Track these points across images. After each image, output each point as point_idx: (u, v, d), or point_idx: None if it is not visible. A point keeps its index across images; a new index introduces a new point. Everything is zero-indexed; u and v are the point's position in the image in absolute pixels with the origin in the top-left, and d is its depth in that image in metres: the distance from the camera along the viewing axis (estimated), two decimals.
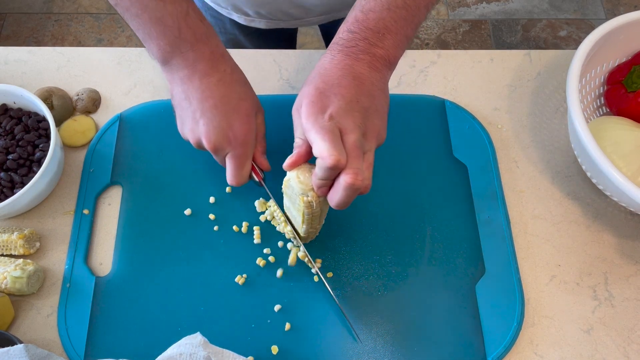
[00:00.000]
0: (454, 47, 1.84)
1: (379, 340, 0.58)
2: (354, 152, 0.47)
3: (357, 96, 0.49)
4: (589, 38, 0.62)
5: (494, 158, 0.67)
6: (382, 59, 0.52)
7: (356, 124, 0.48)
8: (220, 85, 0.56)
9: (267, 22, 0.84)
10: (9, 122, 0.64)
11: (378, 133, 0.51)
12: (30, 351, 0.50)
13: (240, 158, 0.56)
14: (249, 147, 0.57)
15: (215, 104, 0.55)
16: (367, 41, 0.51)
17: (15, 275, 0.57)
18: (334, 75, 0.50)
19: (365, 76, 0.51)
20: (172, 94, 0.58)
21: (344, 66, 0.51)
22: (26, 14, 1.91)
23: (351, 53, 0.51)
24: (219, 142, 0.55)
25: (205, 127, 0.55)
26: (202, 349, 0.50)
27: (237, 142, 0.56)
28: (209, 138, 0.55)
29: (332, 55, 0.52)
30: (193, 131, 0.56)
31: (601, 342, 0.58)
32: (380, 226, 0.63)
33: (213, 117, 0.55)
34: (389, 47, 0.52)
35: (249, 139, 0.56)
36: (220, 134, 0.55)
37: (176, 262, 0.61)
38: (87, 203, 0.65)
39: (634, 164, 0.60)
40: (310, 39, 1.84)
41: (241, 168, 0.57)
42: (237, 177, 0.57)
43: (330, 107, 0.48)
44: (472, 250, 0.62)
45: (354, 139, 0.47)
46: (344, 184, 0.47)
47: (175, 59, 0.56)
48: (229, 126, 0.55)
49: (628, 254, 0.63)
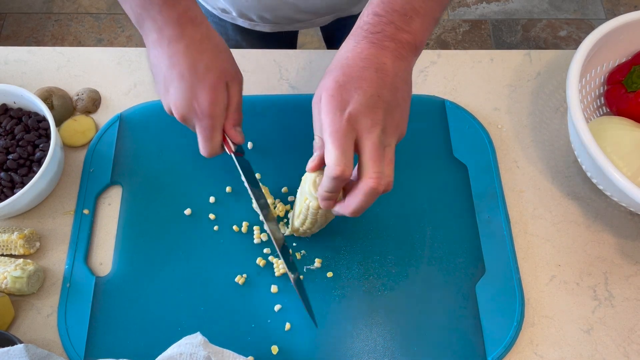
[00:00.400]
0: (454, 47, 1.84)
1: (379, 340, 0.58)
2: (374, 155, 0.46)
3: (378, 90, 0.47)
4: (589, 38, 0.62)
5: (494, 158, 0.67)
6: (408, 45, 0.50)
7: (376, 121, 0.46)
8: (188, 53, 0.53)
9: (272, 27, 0.84)
10: (9, 122, 0.64)
11: (398, 127, 0.49)
12: (30, 351, 0.50)
13: (207, 130, 0.54)
14: (216, 120, 0.54)
15: (181, 73, 0.53)
16: (393, 25, 0.49)
17: (16, 275, 0.57)
18: (356, 66, 0.48)
19: (389, 67, 0.48)
20: (147, 57, 0.56)
21: (367, 56, 0.48)
22: (26, 14, 1.91)
23: (376, 40, 0.49)
24: (185, 113, 0.54)
25: (172, 96, 0.54)
26: (202, 349, 0.50)
27: (202, 114, 0.54)
28: (176, 107, 0.54)
29: (356, 41, 0.50)
30: (164, 99, 0.55)
31: (601, 342, 0.59)
32: (381, 226, 0.63)
33: (179, 87, 0.53)
34: (416, 32, 0.50)
35: (215, 111, 0.54)
36: (185, 105, 0.53)
37: (176, 262, 0.61)
38: (87, 203, 0.65)
39: (634, 163, 0.60)
40: (311, 39, 1.84)
41: (209, 140, 0.55)
42: (206, 148, 0.56)
43: (351, 104, 0.46)
44: (472, 250, 0.62)
45: (373, 139, 0.46)
46: (365, 189, 0.46)
47: (147, 22, 0.54)
48: (194, 97, 0.53)
49: (628, 254, 0.63)
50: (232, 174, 0.66)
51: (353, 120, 0.46)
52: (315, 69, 0.75)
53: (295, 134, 0.69)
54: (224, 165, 0.67)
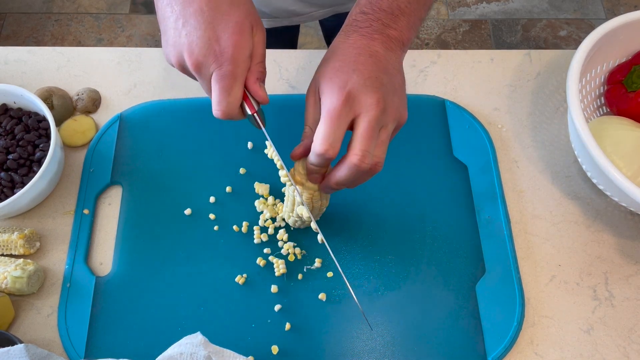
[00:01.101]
0: (454, 47, 1.84)
1: (379, 340, 0.57)
2: (366, 133, 0.46)
3: (375, 73, 0.47)
4: (589, 38, 0.62)
5: (494, 158, 0.67)
6: (396, 40, 0.51)
7: (377, 101, 0.46)
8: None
9: (269, 21, 0.84)
10: (9, 122, 0.64)
11: (397, 111, 0.49)
12: (31, 351, 0.50)
13: (227, 78, 0.45)
14: (239, 66, 0.46)
15: (200, 8, 0.45)
16: (380, 22, 0.50)
17: (16, 275, 0.57)
18: (350, 53, 0.49)
19: (381, 54, 0.49)
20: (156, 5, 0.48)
21: (359, 45, 0.49)
22: (26, 14, 1.91)
23: (365, 33, 0.50)
24: (202, 56, 0.44)
25: (187, 37, 0.45)
26: (202, 349, 0.50)
27: (224, 57, 0.45)
28: (191, 51, 0.44)
29: (346, 35, 0.51)
30: (175, 46, 0.46)
31: (601, 342, 0.59)
32: (381, 226, 0.63)
33: (197, 25, 0.44)
34: (402, 29, 0.51)
35: (240, 55, 0.45)
36: (204, 45, 0.44)
37: (176, 262, 0.61)
38: (87, 203, 0.65)
39: (634, 163, 0.60)
40: (311, 39, 1.84)
41: (228, 92, 0.46)
42: (223, 103, 0.46)
43: (350, 83, 0.46)
44: (472, 250, 0.62)
45: (370, 118, 0.46)
46: (348, 164, 0.46)
47: None
48: (214, 36, 0.45)
49: (628, 254, 0.63)
50: (232, 174, 0.66)
51: (352, 99, 0.46)
52: (315, 68, 0.74)
53: (295, 134, 0.69)
54: (224, 165, 0.67)
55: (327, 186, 0.51)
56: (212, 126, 0.69)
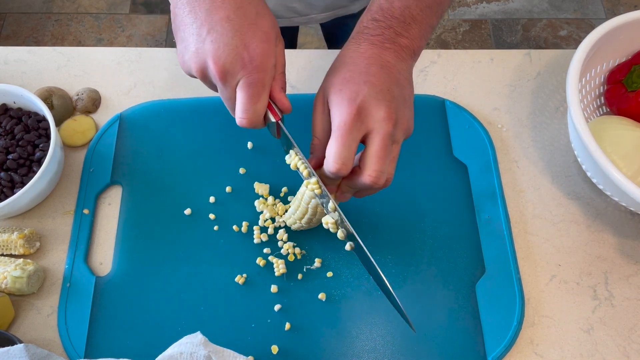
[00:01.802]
0: (454, 47, 1.84)
1: (378, 340, 0.58)
2: (381, 151, 0.45)
3: (387, 85, 0.46)
4: (589, 38, 0.62)
5: (494, 158, 0.67)
6: (407, 49, 0.50)
7: (389, 115, 0.45)
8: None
9: None
10: (9, 121, 0.64)
11: (407, 123, 0.48)
12: (30, 351, 0.50)
13: (256, 86, 0.45)
14: (267, 74, 0.45)
15: (227, 16, 0.44)
16: (392, 30, 0.49)
17: (16, 275, 0.57)
18: (360, 63, 0.47)
19: (392, 65, 0.48)
20: (173, 12, 0.47)
21: (371, 55, 0.48)
22: (26, 14, 1.91)
23: (377, 42, 0.49)
24: (230, 64, 0.44)
25: (213, 44, 0.43)
26: (202, 348, 0.50)
27: (252, 65, 0.44)
28: (218, 58, 0.43)
29: (357, 43, 0.49)
30: (198, 53, 0.44)
31: (601, 341, 0.58)
32: (380, 226, 0.63)
33: (224, 32, 0.44)
34: (414, 37, 0.50)
35: (267, 63, 0.45)
36: (232, 53, 0.43)
37: (176, 262, 0.61)
38: (87, 203, 0.65)
39: (634, 163, 0.60)
40: (311, 38, 1.84)
41: (256, 100, 0.45)
42: (250, 112, 0.45)
43: (360, 95, 0.45)
44: (472, 250, 0.62)
45: (384, 133, 0.45)
46: (362, 183, 0.46)
47: None
48: (243, 45, 0.44)
49: (628, 254, 0.63)
50: (232, 174, 0.66)
51: (364, 112, 0.45)
52: (315, 68, 0.75)
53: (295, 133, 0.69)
54: (224, 165, 0.67)
55: (343, 197, 0.51)
56: (212, 126, 0.69)
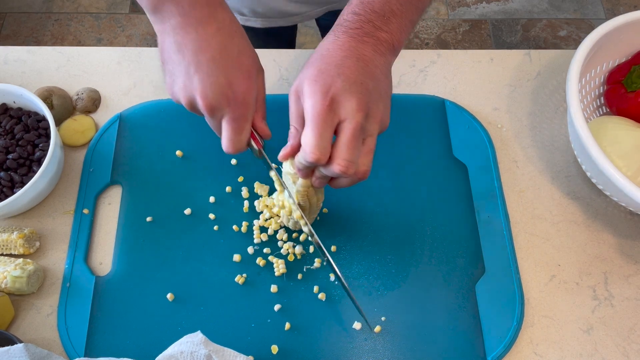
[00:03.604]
0: (453, 47, 1.84)
1: (378, 339, 0.58)
2: (351, 142, 0.46)
3: (361, 78, 0.47)
4: (589, 38, 0.62)
5: (493, 158, 0.67)
6: (386, 43, 0.50)
7: (360, 107, 0.46)
8: (219, 35, 0.49)
9: (263, 21, 0.84)
10: (8, 121, 0.64)
11: (381, 118, 0.49)
12: (30, 350, 0.50)
13: (240, 120, 0.50)
14: (249, 109, 0.50)
15: (213, 57, 0.48)
16: (371, 24, 0.50)
17: (15, 275, 0.57)
18: (337, 56, 0.48)
19: (369, 58, 0.49)
20: (161, 47, 0.51)
21: (347, 47, 0.49)
22: (26, 14, 1.91)
23: (355, 35, 0.49)
24: (216, 101, 0.49)
25: (200, 83, 0.48)
26: (203, 347, 0.50)
27: (236, 101, 0.49)
28: (205, 95, 0.48)
29: (336, 36, 0.50)
30: (186, 88, 0.49)
31: (601, 341, 0.59)
32: (380, 226, 0.63)
33: (210, 72, 0.48)
34: (393, 31, 0.51)
35: (250, 98, 0.50)
36: (218, 91, 0.48)
37: (176, 262, 0.61)
38: (87, 202, 0.65)
39: (633, 163, 0.60)
40: (310, 38, 1.84)
41: (240, 132, 0.50)
42: (235, 142, 0.51)
43: (333, 88, 0.46)
44: (472, 249, 0.62)
45: (354, 125, 0.46)
46: (331, 169, 0.47)
47: (167, 5, 0.49)
48: (228, 83, 0.49)
49: (628, 254, 0.63)
50: (232, 174, 0.66)
51: (336, 104, 0.46)
52: None
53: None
54: (223, 165, 0.67)
55: (317, 182, 0.51)
56: None
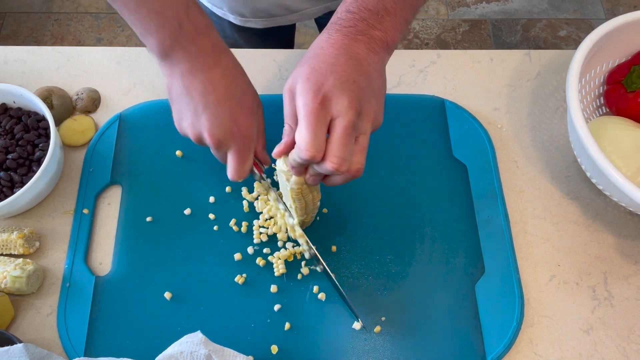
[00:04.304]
0: (453, 47, 1.84)
1: (378, 339, 0.58)
2: (343, 139, 0.46)
3: (353, 76, 0.48)
4: (589, 38, 0.62)
5: (493, 158, 0.67)
6: (380, 42, 0.51)
7: (352, 105, 0.47)
8: (223, 79, 0.55)
9: (264, 21, 0.84)
10: (8, 121, 0.64)
11: (375, 116, 0.50)
12: (30, 350, 0.50)
13: (244, 152, 0.56)
14: (252, 141, 0.56)
15: (218, 99, 0.54)
16: (365, 22, 0.50)
17: (15, 275, 0.57)
18: (330, 54, 0.49)
19: (362, 57, 0.50)
20: (169, 88, 0.56)
21: (341, 45, 0.50)
22: (26, 14, 1.91)
23: (349, 33, 0.50)
24: (223, 137, 0.54)
25: (208, 122, 0.54)
26: (202, 347, 0.50)
27: (240, 136, 0.55)
28: (212, 133, 0.54)
29: (329, 34, 0.51)
30: (194, 126, 0.55)
31: (600, 342, 0.59)
32: (380, 226, 0.63)
33: (217, 112, 0.54)
34: (387, 30, 0.51)
35: (252, 133, 0.56)
36: (224, 129, 0.54)
37: (176, 262, 0.61)
38: (87, 202, 0.65)
39: (633, 163, 0.60)
40: (310, 38, 1.84)
41: (244, 163, 0.56)
42: (240, 171, 0.56)
43: (325, 86, 0.47)
44: (471, 250, 0.62)
45: (345, 123, 0.46)
46: (324, 167, 0.47)
47: (176, 53, 0.54)
48: (233, 121, 0.54)
49: (628, 254, 0.63)
50: None
51: (328, 102, 0.47)
52: None
53: None
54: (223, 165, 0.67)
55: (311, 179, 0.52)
56: None
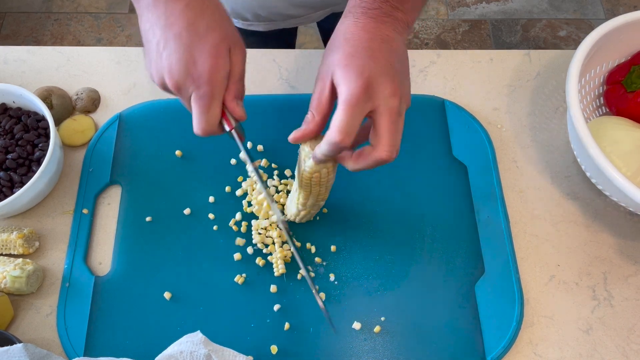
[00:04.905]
0: (453, 47, 1.84)
1: (378, 339, 0.58)
2: (392, 126, 0.46)
3: (390, 60, 0.47)
4: (589, 38, 0.62)
5: (493, 158, 0.67)
6: (402, 22, 0.50)
7: (395, 90, 0.46)
8: (188, 10, 0.48)
9: (266, 25, 0.84)
10: (8, 121, 0.64)
11: (408, 96, 0.49)
12: (30, 350, 0.50)
13: (204, 99, 0.48)
14: (216, 87, 0.48)
15: (179, 33, 0.47)
16: (388, 4, 0.49)
17: (15, 275, 0.57)
18: (362, 38, 0.47)
19: (392, 39, 0.49)
20: (140, 29, 0.50)
21: (370, 29, 0.48)
22: (25, 13, 1.91)
23: (375, 16, 0.49)
24: (181, 78, 0.47)
25: (167, 60, 0.47)
26: (202, 347, 0.50)
27: (201, 79, 0.47)
28: (171, 73, 0.47)
29: (356, 18, 0.49)
30: (157, 67, 0.49)
31: (600, 342, 0.59)
32: (380, 226, 0.63)
33: (176, 48, 0.47)
34: (408, 10, 0.51)
35: (216, 76, 0.48)
36: (182, 68, 0.47)
37: (175, 262, 0.61)
38: (87, 202, 0.65)
39: (633, 163, 0.60)
40: (310, 38, 1.84)
41: (205, 111, 0.48)
42: (201, 122, 0.49)
43: (367, 70, 0.45)
44: (471, 250, 0.62)
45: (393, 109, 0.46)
46: (376, 158, 0.46)
47: None
48: (192, 60, 0.47)
49: (627, 254, 0.63)
50: (231, 174, 0.66)
51: (371, 88, 0.45)
52: (314, 68, 0.74)
53: None
54: (223, 165, 0.67)
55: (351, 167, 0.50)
56: None
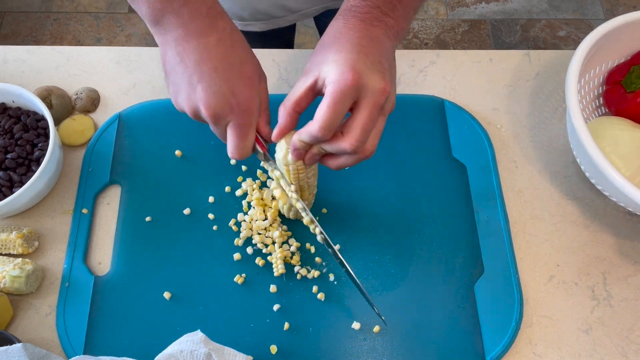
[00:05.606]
0: (453, 47, 1.84)
1: (377, 340, 0.58)
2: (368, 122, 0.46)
3: (379, 57, 0.47)
4: (588, 38, 0.62)
5: (493, 158, 0.68)
6: (392, 29, 0.51)
7: (384, 87, 0.46)
8: (220, 45, 0.50)
9: (263, 24, 0.84)
10: (7, 121, 0.64)
11: (394, 98, 0.49)
12: (29, 350, 0.50)
13: (244, 127, 0.51)
14: (253, 115, 0.51)
15: (215, 67, 0.49)
16: (379, 10, 0.50)
17: (14, 275, 0.57)
18: (352, 36, 0.48)
19: (382, 40, 0.49)
20: (164, 58, 0.52)
21: (360, 29, 0.49)
22: (25, 13, 1.91)
23: (366, 19, 0.49)
24: (220, 109, 0.49)
25: (204, 92, 0.49)
26: (202, 346, 0.50)
27: (240, 109, 0.50)
28: (209, 105, 0.49)
29: (346, 20, 0.50)
30: (190, 98, 0.50)
31: (600, 342, 0.59)
32: (379, 226, 0.63)
33: (213, 82, 0.49)
34: (398, 18, 0.51)
35: (253, 106, 0.51)
36: (221, 100, 0.49)
37: (175, 262, 0.61)
38: (86, 202, 0.65)
39: (632, 164, 0.60)
40: (310, 38, 1.84)
41: (244, 139, 0.51)
42: (240, 149, 0.51)
43: (357, 65, 0.46)
44: (471, 250, 0.62)
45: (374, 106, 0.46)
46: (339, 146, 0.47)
47: (168, 17, 0.49)
48: (230, 92, 0.49)
49: (627, 254, 0.63)
50: (231, 174, 0.66)
51: (360, 82, 0.46)
52: None
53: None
54: (223, 165, 0.67)
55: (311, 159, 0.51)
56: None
